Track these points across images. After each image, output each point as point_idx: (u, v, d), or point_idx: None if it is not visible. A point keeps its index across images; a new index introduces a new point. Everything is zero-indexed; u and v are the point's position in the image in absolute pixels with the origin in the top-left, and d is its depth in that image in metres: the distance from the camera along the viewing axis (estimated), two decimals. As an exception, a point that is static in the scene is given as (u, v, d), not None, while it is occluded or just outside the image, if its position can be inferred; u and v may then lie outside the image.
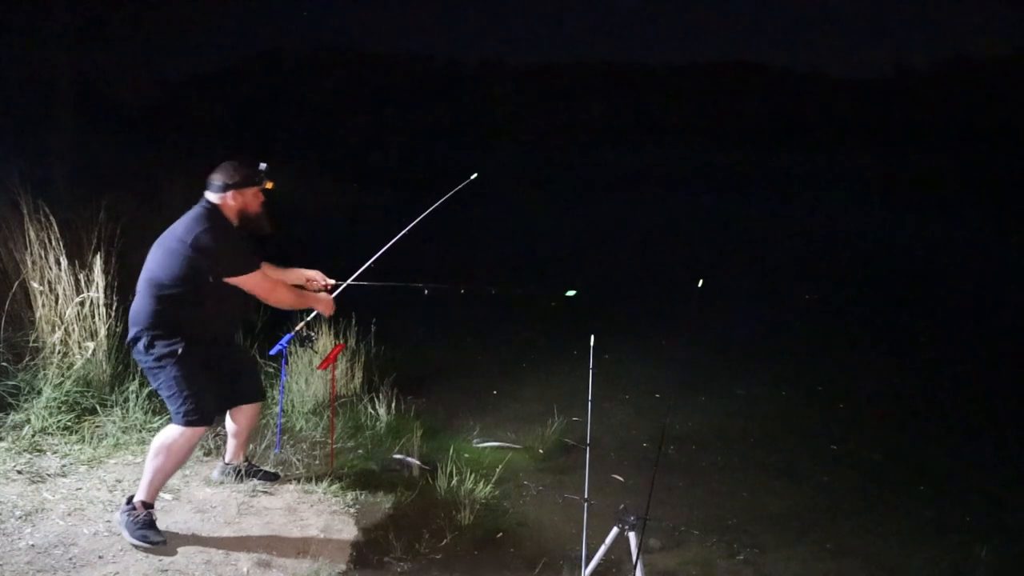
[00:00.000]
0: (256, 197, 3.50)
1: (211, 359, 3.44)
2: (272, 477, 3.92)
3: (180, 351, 3.30)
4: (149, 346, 3.30)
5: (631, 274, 9.89)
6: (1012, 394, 5.66)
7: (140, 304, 3.34)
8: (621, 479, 4.14)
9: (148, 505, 3.31)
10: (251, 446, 4.21)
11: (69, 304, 4.79)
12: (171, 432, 3.34)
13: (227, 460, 3.91)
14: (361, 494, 3.79)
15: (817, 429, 4.95)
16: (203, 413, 3.36)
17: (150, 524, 3.27)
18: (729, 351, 6.48)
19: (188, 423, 3.32)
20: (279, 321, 5.82)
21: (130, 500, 3.33)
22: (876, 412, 5.30)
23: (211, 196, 3.39)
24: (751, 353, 6.53)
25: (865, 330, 7.46)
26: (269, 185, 3.55)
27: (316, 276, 3.88)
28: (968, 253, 11.94)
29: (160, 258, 3.31)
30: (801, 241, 12.91)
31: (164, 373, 3.32)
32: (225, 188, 3.37)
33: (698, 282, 4.30)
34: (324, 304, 3.70)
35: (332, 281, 3.88)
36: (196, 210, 3.36)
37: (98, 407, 4.43)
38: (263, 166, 3.50)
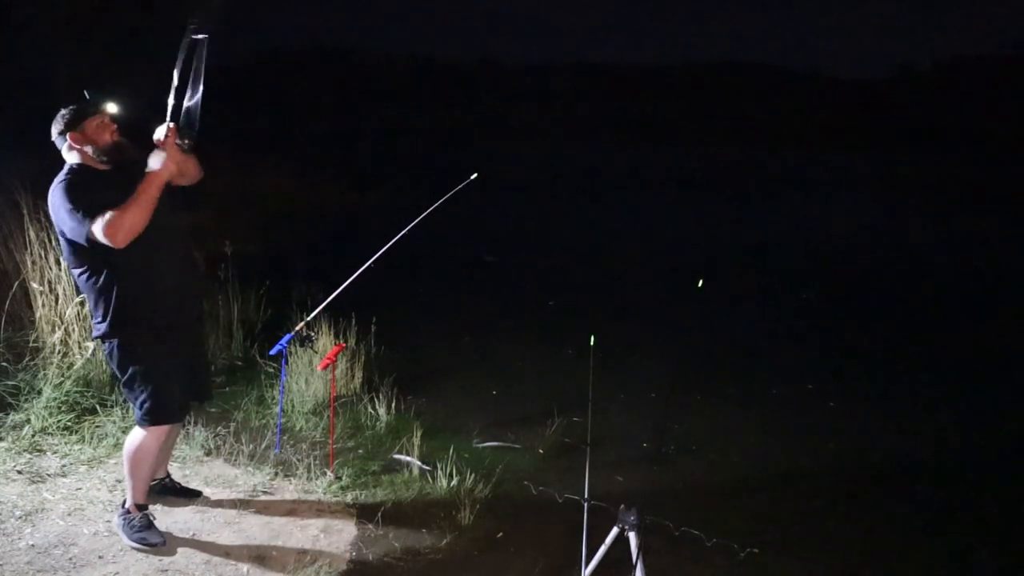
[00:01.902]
0: (101, 128, 3.01)
1: (173, 343, 3.14)
2: (194, 495, 3.67)
3: (128, 339, 3.04)
4: (101, 338, 3.06)
5: (630, 273, 9.89)
6: (1011, 393, 5.66)
7: (78, 285, 3.08)
8: (621, 479, 4.14)
9: (142, 507, 3.28)
10: (251, 446, 4.21)
11: (69, 304, 4.80)
12: (135, 436, 3.18)
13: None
14: (361, 494, 3.79)
15: (814, 428, 4.95)
16: (164, 411, 3.14)
17: (147, 526, 3.26)
18: (727, 350, 6.48)
19: (150, 423, 3.13)
20: (279, 321, 5.84)
21: (124, 504, 3.31)
22: (866, 411, 5.30)
23: (64, 156, 3.03)
24: (748, 352, 6.53)
25: (860, 329, 7.46)
26: (111, 109, 3.08)
27: (159, 137, 3.00)
28: (967, 253, 11.93)
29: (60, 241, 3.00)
30: (799, 241, 12.91)
31: (119, 366, 3.09)
32: (63, 135, 2.99)
33: (698, 282, 4.30)
34: (157, 166, 2.91)
35: (164, 127, 2.99)
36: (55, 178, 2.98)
37: (98, 407, 4.43)
38: (87, 93, 3.08)
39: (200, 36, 2.99)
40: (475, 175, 4.28)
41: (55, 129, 3.02)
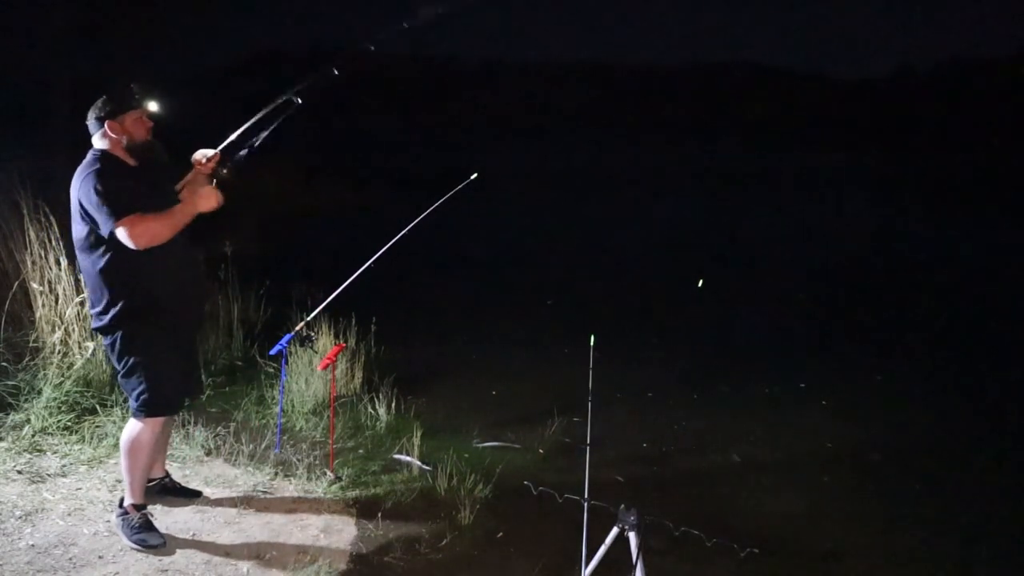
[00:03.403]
0: (139, 123, 3.08)
1: (174, 337, 3.18)
2: (194, 495, 3.66)
3: (131, 331, 3.04)
4: (103, 331, 3.08)
5: (630, 273, 9.89)
6: (1007, 391, 5.66)
7: (84, 278, 3.09)
8: (621, 479, 4.14)
9: (140, 507, 3.27)
10: (251, 446, 4.21)
11: (69, 304, 4.79)
12: (132, 428, 3.19)
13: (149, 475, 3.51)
14: (361, 494, 3.79)
15: (812, 427, 4.95)
16: (161, 403, 3.15)
17: (147, 526, 3.25)
18: (724, 350, 6.48)
19: (145, 414, 3.13)
20: (279, 321, 5.84)
21: (122, 503, 3.30)
22: (857, 409, 5.31)
23: (95, 140, 3.08)
24: (743, 352, 6.52)
25: (855, 327, 7.48)
26: (152, 107, 3.15)
27: (199, 158, 3.19)
28: (965, 252, 11.93)
29: (73, 223, 3.04)
30: (798, 241, 12.91)
31: (119, 357, 3.09)
32: (100, 121, 3.02)
33: (698, 282, 4.30)
34: (203, 199, 3.05)
35: (211, 152, 3.17)
36: (83, 162, 3.03)
37: (98, 407, 4.43)
38: (134, 86, 3.12)
39: (296, 101, 3.18)
40: (475, 175, 4.27)
41: (94, 113, 3.04)
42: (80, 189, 2.95)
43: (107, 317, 3.05)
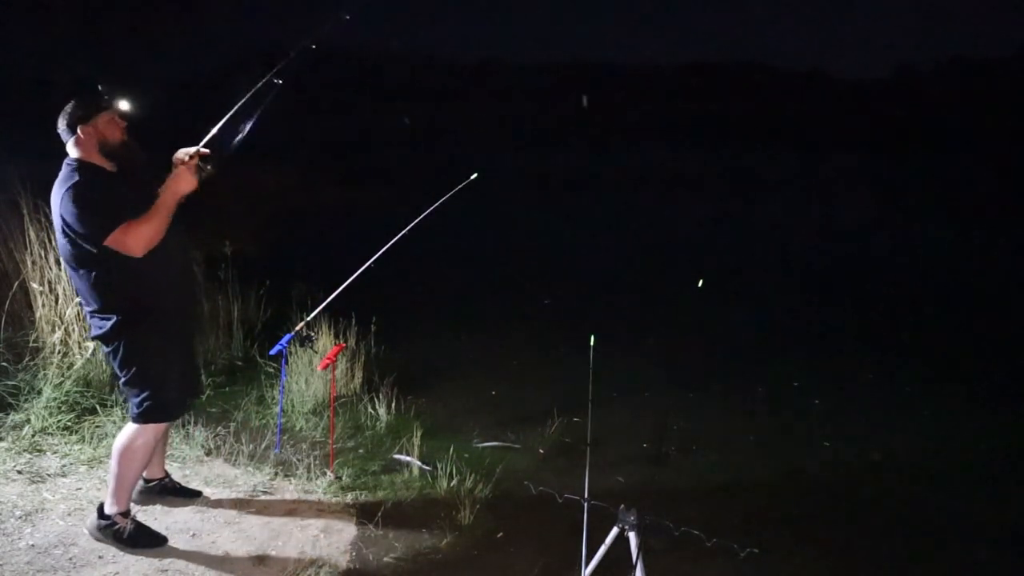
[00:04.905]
0: (112, 124, 2.97)
1: (174, 341, 3.16)
2: (194, 495, 3.65)
3: (131, 339, 3.01)
4: (103, 339, 3.04)
5: (630, 274, 9.89)
6: (1006, 389, 5.66)
7: (75, 284, 3.04)
8: (621, 479, 4.14)
9: (125, 513, 3.22)
10: (251, 446, 4.21)
11: (69, 304, 4.80)
12: (130, 433, 3.14)
13: (146, 476, 3.52)
14: (361, 494, 3.79)
15: (811, 427, 4.95)
16: (163, 409, 3.13)
17: (140, 530, 3.23)
18: (725, 350, 6.47)
19: (146, 420, 3.10)
20: (279, 321, 5.84)
21: (101, 511, 3.21)
22: (851, 409, 5.32)
23: (69, 149, 2.96)
24: (746, 352, 6.52)
25: (852, 329, 7.48)
26: (123, 106, 3.06)
27: (181, 156, 3.12)
28: (963, 253, 11.93)
29: (57, 238, 2.97)
30: (796, 241, 12.91)
31: (121, 365, 3.06)
32: (73, 128, 2.91)
33: (698, 282, 4.30)
34: (176, 182, 2.97)
35: (192, 150, 3.10)
36: (60, 174, 2.94)
37: (98, 407, 4.43)
38: (102, 86, 3.06)
39: (276, 82, 3.15)
40: (475, 175, 4.27)
41: (64, 121, 2.94)
42: (61, 206, 2.85)
43: (107, 326, 3.00)
